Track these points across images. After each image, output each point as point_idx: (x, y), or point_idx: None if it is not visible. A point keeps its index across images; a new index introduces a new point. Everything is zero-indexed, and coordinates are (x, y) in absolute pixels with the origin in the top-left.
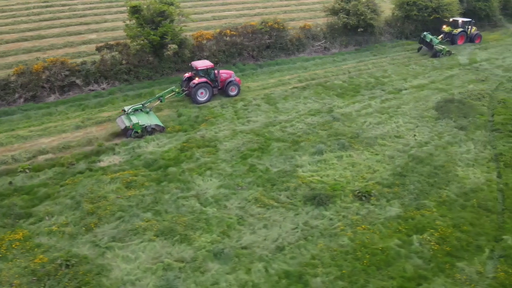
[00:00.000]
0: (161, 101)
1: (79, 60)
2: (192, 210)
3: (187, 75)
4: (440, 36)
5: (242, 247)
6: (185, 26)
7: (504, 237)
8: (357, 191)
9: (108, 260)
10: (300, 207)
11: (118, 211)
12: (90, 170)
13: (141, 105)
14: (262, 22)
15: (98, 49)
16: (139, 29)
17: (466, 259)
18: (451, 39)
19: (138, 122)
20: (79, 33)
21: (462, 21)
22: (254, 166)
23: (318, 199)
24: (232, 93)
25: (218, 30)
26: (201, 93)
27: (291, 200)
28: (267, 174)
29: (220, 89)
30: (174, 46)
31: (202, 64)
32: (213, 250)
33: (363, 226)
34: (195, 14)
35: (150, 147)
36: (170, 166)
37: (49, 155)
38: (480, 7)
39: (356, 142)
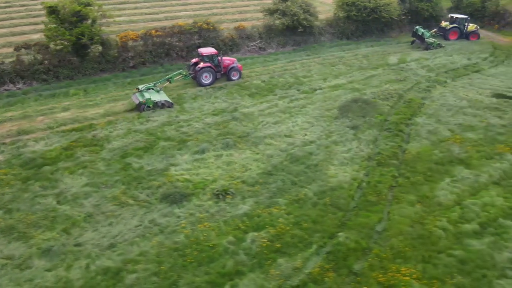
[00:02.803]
0: (170, 82)
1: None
2: (45, 208)
3: (194, 60)
4: (433, 30)
5: (75, 245)
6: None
7: (339, 234)
8: (217, 190)
9: None
10: (155, 205)
11: None
12: None
13: (152, 85)
14: (193, 23)
15: (16, 49)
16: (56, 29)
17: (290, 255)
18: (443, 34)
19: (150, 98)
20: (23, 33)
21: (456, 18)
22: (130, 164)
23: (172, 198)
24: (234, 78)
25: (143, 31)
26: (205, 76)
27: (149, 198)
28: (137, 173)
29: (223, 74)
30: (99, 46)
31: (207, 50)
32: (43, 248)
33: (205, 224)
34: (150, 14)
35: (38, 146)
36: (46, 165)
37: None
38: (423, 7)
39: (243, 142)
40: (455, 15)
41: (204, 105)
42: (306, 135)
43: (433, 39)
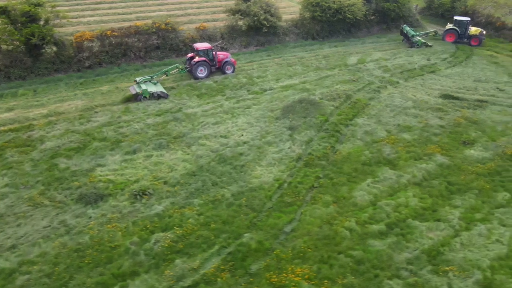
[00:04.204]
0: (166, 75)
1: None
2: None
3: (189, 55)
4: (432, 30)
5: None
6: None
7: (245, 235)
8: (135, 190)
9: None
10: (69, 206)
11: None
12: None
13: (149, 77)
14: (152, 23)
15: None
16: (4, 29)
17: (190, 256)
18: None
19: (147, 89)
20: None
21: (456, 20)
22: (56, 165)
23: (88, 198)
24: (228, 72)
25: (98, 31)
26: (201, 70)
27: (65, 199)
28: (61, 173)
29: (217, 68)
30: (53, 47)
31: (201, 45)
32: None
33: (113, 225)
34: (123, 14)
35: None
36: None
37: None
38: (389, 8)
39: (177, 142)
40: (457, 17)
41: (149, 106)
42: (242, 135)
43: (418, 38)
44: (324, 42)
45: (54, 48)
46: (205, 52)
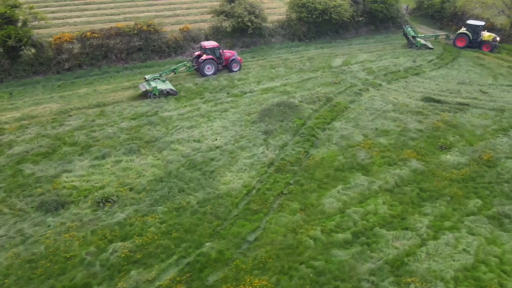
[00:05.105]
0: (175, 73)
1: None
2: None
3: (197, 53)
4: (444, 33)
5: None
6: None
7: (207, 244)
8: (99, 197)
9: None
10: (29, 214)
11: None
12: None
13: (158, 75)
14: (134, 24)
15: None
16: None
17: (147, 267)
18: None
19: (156, 86)
20: None
21: (468, 23)
22: (21, 171)
23: (49, 206)
24: (235, 69)
25: (78, 32)
26: (208, 68)
27: (26, 206)
28: (26, 180)
29: (224, 66)
30: (32, 48)
31: (209, 44)
32: None
33: (71, 234)
34: (111, 15)
35: None
36: None
37: None
38: (377, 9)
39: (148, 147)
40: (470, 21)
41: (125, 109)
42: (216, 140)
43: (418, 39)
44: (311, 43)
45: (33, 50)
46: (212, 50)
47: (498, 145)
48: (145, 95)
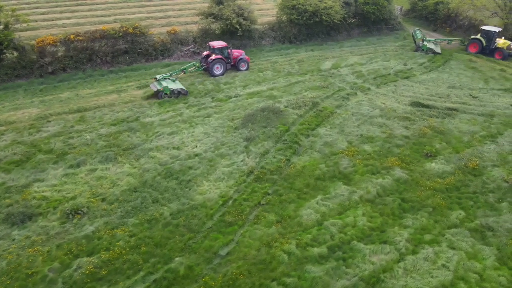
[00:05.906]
0: (184, 73)
1: None
2: None
3: (205, 53)
4: (458, 38)
5: None
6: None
7: (176, 259)
8: (69, 209)
9: None
10: None
11: None
12: None
13: (169, 75)
14: (120, 27)
15: None
16: None
17: (112, 284)
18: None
19: (167, 86)
20: None
21: (482, 29)
22: None
23: (15, 218)
24: (243, 69)
25: (62, 35)
26: (217, 67)
27: None
28: None
29: (232, 65)
30: (14, 52)
31: (217, 43)
32: None
33: (35, 248)
34: (102, 16)
35: None
36: None
37: None
38: (369, 11)
39: (126, 154)
40: (485, 27)
41: (106, 114)
42: (196, 147)
43: (425, 43)
44: (301, 46)
45: (15, 53)
46: (221, 50)
47: (485, 153)
48: (156, 94)
